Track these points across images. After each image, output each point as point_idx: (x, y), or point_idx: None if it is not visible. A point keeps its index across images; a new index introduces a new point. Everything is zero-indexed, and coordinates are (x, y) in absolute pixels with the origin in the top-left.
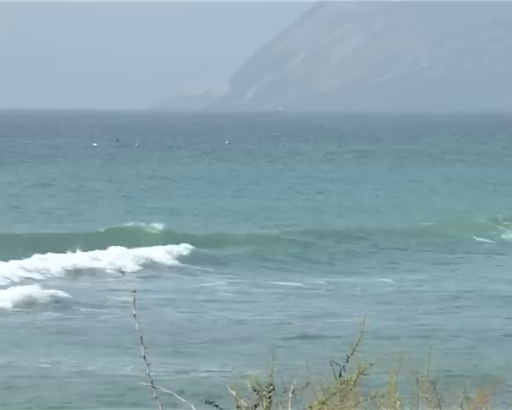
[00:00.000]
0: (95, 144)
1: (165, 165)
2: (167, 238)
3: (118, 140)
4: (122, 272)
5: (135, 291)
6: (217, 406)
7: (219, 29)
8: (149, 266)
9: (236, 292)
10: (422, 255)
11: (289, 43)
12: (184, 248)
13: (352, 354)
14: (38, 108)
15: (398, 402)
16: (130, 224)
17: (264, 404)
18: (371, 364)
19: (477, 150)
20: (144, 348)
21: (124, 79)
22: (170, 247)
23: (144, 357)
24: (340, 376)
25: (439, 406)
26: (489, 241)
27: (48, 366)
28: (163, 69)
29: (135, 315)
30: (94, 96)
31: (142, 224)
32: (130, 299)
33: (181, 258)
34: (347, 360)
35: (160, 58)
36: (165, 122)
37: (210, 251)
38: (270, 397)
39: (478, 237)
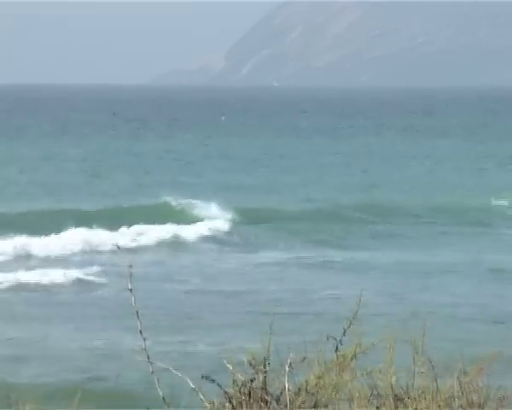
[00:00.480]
0: (91, 118)
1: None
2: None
3: (114, 114)
4: (118, 247)
5: (131, 266)
6: (213, 380)
7: (216, 3)
8: (180, 242)
9: (272, 266)
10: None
11: (285, 17)
12: (225, 224)
13: (348, 327)
14: (35, 83)
15: (394, 377)
16: (162, 200)
17: (261, 378)
18: (373, 344)
19: None
20: (140, 322)
21: (119, 54)
22: (214, 222)
23: (140, 332)
24: (336, 350)
25: (436, 380)
26: None
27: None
28: (159, 44)
29: (131, 290)
30: (91, 71)
31: (170, 199)
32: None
33: (223, 233)
34: (344, 334)
35: (156, 32)
36: (168, 97)
37: (246, 227)
38: (265, 371)
39: None
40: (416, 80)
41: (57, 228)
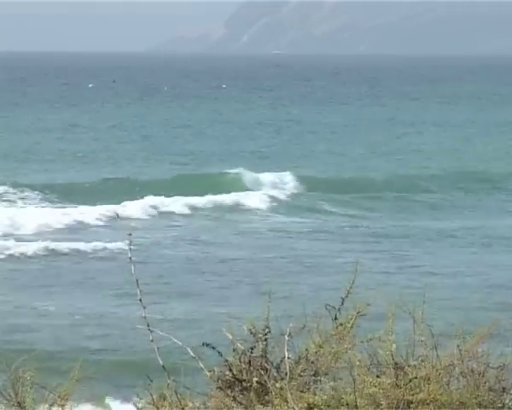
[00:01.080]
0: (90, 85)
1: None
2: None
3: (114, 81)
4: (117, 215)
5: (130, 234)
6: (213, 348)
7: None
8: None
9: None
10: None
11: None
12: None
13: (346, 296)
14: (35, 50)
15: (394, 345)
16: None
17: (261, 347)
18: (368, 304)
19: None
20: (140, 291)
21: (119, 22)
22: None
23: (140, 300)
24: (335, 319)
25: (436, 348)
26: None
27: None
28: (158, 12)
29: (130, 258)
30: (88, 39)
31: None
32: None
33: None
34: (342, 303)
35: (154, 1)
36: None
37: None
38: (266, 340)
39: None
40: (415, 48)
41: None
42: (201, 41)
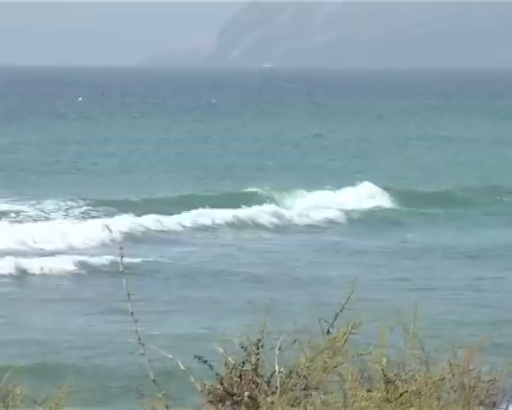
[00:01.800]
0: (80, 99)
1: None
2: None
3: (103, 95)
4: (108, 228)
5: (121, 248)
6: (205, 361)
7: None
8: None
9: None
10: None
11: None
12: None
13: (341, 311)
14: (25, 64)
15: (385, 359)
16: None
17: (253, 361)
18: (360, 323)
19: None
20: (131, 304)
21: (108, 36)
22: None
23: (132, 313)
24: (328, 333)
25: (427, 363)
26: None
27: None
28: (149, 26)
29: (122, 271)
30: (79, 53)
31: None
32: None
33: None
34: (336, 318)
35: (145, 13)
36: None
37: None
38: (258, 354)
39: None
40: (405, 62)
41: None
42: (193, 54)
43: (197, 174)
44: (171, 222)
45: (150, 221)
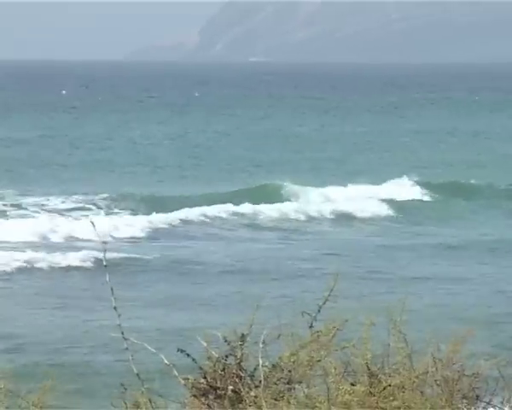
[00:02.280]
0: (63, 92)
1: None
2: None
3: (87, 87)
4: (92, 223)
5: (105, 242)
6: (188, 355)
7: None
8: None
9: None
10: None
11: None
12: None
13: (323, 304)
14: (11, 58)
15: (369, 353)
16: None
17: (236, 355)
18: (346, 320)
19: None
20: (115, 298)
21: (93, 30)
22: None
23: (115, 308)
24: (311, 327)
25: (410, 357)
26: None
27: None
28: (132, 21)
29: (105, 266)
30: (68, 47)
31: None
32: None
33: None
34: (319, 311)
35: (129, 8)
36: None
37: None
38: (242, 348)
39: None
40: (389, 56)
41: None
42: (176, 49)
43: (225, 168)
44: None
45: (175, 217)
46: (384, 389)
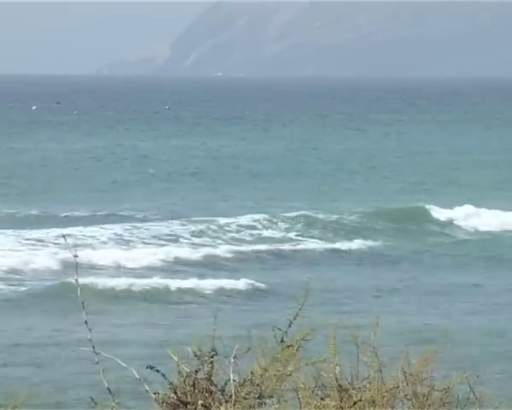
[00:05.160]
0: (34, 107)
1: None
2: None
3: (58, 103)
4: (64, 237)
5: (76, 256)
6: (158, 371)
7: None
8: None
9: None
10: None
11: (231, 8)
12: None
13: (294, 318)
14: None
15: (338, 367)
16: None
17: (206, 369)
18: (312, 330)
19: None
20: (86, 313)
21: (63, 44)
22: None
23: (86, 322)
24: (282, 341)
25: (380, 370)
26: None
27: None
28: (102, 34)
29: (76, 280)
30: (33, 62)
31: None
32: None
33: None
34: (290, 326)
35: (99, 22)
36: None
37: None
38: (212, 363)
39: None
40: (361, 70)
41: None
42: (147, 63)
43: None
44: None
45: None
46: (354, 403)
